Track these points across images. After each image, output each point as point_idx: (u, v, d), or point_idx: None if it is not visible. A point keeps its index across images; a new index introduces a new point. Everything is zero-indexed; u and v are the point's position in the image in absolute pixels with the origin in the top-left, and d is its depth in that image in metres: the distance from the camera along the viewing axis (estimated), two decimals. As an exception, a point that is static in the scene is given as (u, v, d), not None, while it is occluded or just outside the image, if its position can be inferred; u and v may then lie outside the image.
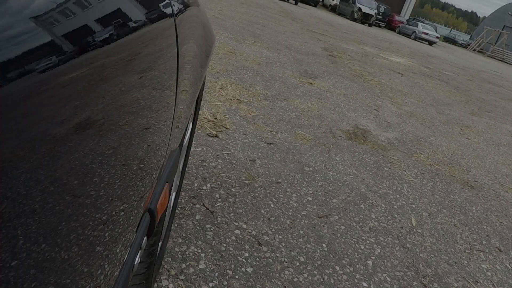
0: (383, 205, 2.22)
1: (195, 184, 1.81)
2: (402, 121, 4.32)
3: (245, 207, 1.76)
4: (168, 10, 0.73)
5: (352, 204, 2.12)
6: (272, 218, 1.75)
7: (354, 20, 24.22)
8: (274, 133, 2.77)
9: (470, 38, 44.61)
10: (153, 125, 0.62)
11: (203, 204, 1.68)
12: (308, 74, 5.13)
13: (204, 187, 1.81)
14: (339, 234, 1.80)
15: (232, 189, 1.87)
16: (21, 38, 0.31)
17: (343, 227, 1.87)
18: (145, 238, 0.74)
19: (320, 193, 2.12)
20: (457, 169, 3.30)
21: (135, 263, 0.69)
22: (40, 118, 0.32)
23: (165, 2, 0.72)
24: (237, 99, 3.24)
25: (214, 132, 2.44)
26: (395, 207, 2.26)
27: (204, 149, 2.19)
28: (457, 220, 2.36)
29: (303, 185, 2.15)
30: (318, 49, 7.63)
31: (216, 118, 2.66)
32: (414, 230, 2.07)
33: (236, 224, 1.62)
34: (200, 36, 1.03)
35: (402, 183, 2.63)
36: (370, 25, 24.62)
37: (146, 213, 0.71)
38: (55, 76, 0.34)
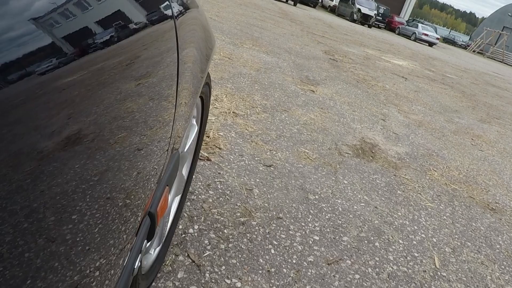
0: (400, 241, 1.92)
1: (180, 227, 1.50)
2: (411, 132, 4.02)
3: (239, 256, 1.45)
4: (168, 13, 0.71)
5: (366, 242, 1.82)
6: (273, 270, 1.44)
7: (354, 21, 23.93)
8: (274, 152, 2.46)
9: (469, 39, 44.40)
10: (153, 129, 0.61)
11: (188, 254, 1.37)
12: (309, 80, 4.83)
13: (191, 230, 1.50)
14: (353, 287, 1.50)
15: (225, 231, 1.56)
16: (21, 40, 0.30)
17: (357, 276, 1.56)
18: (145, 241, 0.73)
19: (328, 229, 1.81)
20: (474, 188, 3.00)
21: (135, 267, 0.69)
22: (40, 121, 0.32)
23: (165, 4, 0.71)
24: (232, 111, 2.94)
25: (205, 155, 2.13)
26: (414, 242, 1.96)
27: (194, 176, 1.89)
28: (484, 255, 2.06)
29: (308, 220, 1.84)
30: (318, 53, 7.33)
31: (208, 137, 2.36)
32: (439, 273, 1.77)
33: (228, 281, 1.32)
34: (200, 38, 1.00)
35: (419, 210, 2.33)
36: (369, 26, 24.33)
37: (146, 216, 0.70)
38: (55, 79, 0.34)
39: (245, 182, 1.99)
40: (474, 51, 34.07)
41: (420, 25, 26.96)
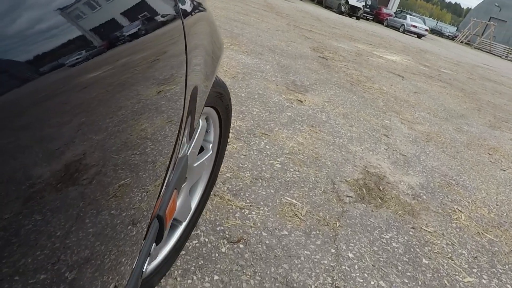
0: None
1: None
2: (421, 150, 3.31)
3: None
4: (176, 12, 0.67)
5: None
6: None
7: (341, 13, 23.19)
8: (247, 211, 1.71)
9: (457, 30, 44.16)
10: (161, 132, 0.60)
11: None
12: (296, 86, 4.08)
13: None
14: None
15: None
16: (25, 41, 0.30)
17: None
18: (154, 244, 0.72)
19: None
20: (513, 234, 2.30)
21: (144, 270, 0.68)
22: (46, 124, 0.32)
23: (173, 6, 0.67)
24: (193, 143, 2.17)
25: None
26: None
27: None
28: None
29: None
30: (306, 50, 6.58)
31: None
32: None
33: None
34: (209, 36, 0.94)
35: (458, 294, 1.60)
36: (357, 18, 23.63)
37: (155, 219, 0.70)
38: (57, 81, 0.33)
39: (193, 287, 1.23)
40: (461, 42, 33.72)
41: (408, 16, 26.33)
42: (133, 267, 0.60)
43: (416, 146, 3.39)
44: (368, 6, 26.36)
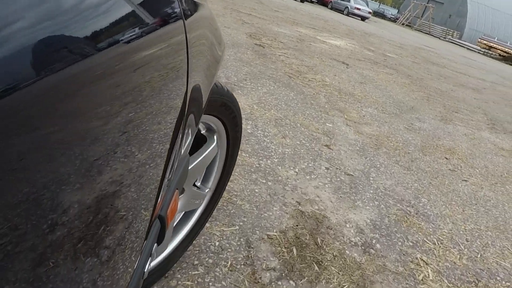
0: None
1: None
2: (370, 164, 2.66)
3: None
4: (177, 12, 0.67)
5: None
6: None
7: (286, -5, 22.48)
8: None
9: (398, 12, 45.23)
10: (162, 132, 0.61)
11: None
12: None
13: None
14: None
15: None
16: (28, 39, 0.29)
17: None
18: (155, 244, 0.74)
19: None
20: (495, 292, 1.70)
21: (145, 270, 0.68)
22: (47, 122, 0.31)
23: (174, 6, 0.67)
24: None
25: None
26: None
27: None
28: None
29: None
30: (242, 37, 5.77)
31: None
32: None
33: None
34: (210, 33, 0.94)
35: None
36: (302, 0, 23.05)
37: (156, 220, 0.70)
38: (59, 80, 0.33)
39: None
40: (403, 24, 34.45)
41: (352, -1, 26.19)
42: (135, 267, 0.59)
43: (364, 158, 2.74)
44: (312, -12, 25.86)
